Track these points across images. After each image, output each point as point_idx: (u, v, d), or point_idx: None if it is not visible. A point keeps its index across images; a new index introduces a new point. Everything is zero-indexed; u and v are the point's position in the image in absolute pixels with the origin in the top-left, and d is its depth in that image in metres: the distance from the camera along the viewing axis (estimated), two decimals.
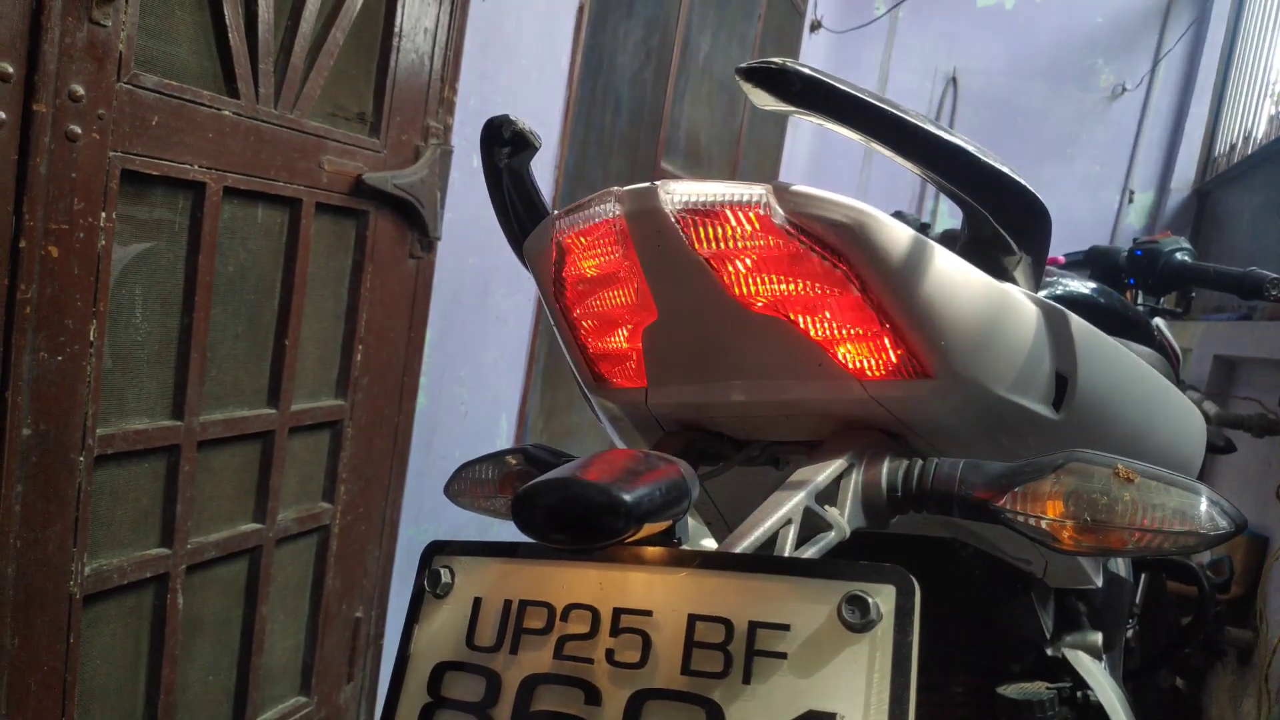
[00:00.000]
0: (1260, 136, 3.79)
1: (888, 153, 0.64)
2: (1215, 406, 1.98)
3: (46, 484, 1.13)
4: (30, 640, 1.15)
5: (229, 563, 1.48)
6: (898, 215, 1.60)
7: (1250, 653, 2.25)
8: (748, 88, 0.60)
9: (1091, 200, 4.82)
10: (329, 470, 1.66)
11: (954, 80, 5.15)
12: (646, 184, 0.67)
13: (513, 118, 0.76)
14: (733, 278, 0.66)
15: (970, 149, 0.65)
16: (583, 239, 0.71)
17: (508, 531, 2.18)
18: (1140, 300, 1.70)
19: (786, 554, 0.59)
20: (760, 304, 0.66)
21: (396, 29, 1.59)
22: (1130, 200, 4.80)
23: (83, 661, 1.24)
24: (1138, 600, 1.52)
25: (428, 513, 1.99)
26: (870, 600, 0.51)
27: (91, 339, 1.15)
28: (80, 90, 1.07)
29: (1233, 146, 4.19)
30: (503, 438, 2.30)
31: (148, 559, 1.30)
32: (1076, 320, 0.73)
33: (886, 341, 0.65)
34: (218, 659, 1.50)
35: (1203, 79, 4.61)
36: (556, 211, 0.74)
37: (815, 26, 4.82)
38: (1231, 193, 4.03)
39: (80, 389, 1.15)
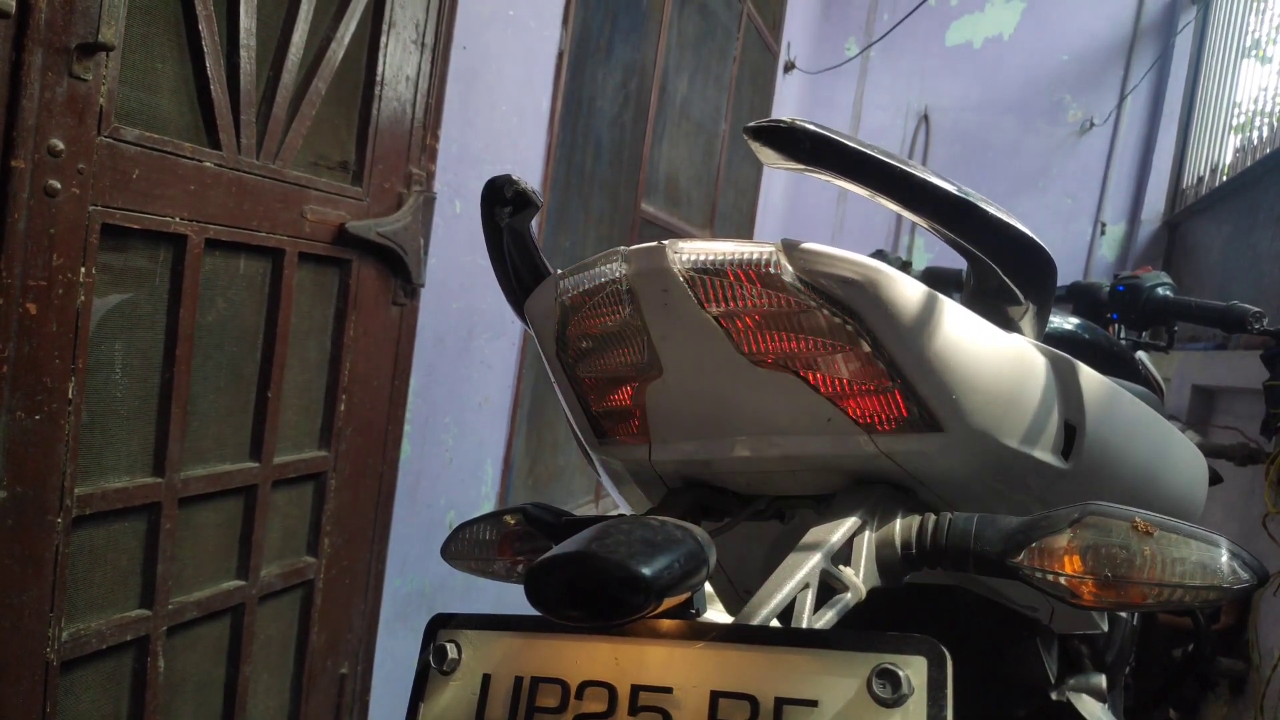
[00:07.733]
0: (1226, 168, 3.86)
1: (895, 207, 0.64)
2: (1197, 436, 1.99)
3: (22, 548, 1.09)
4: (3, 712, 1.10)
5: (211, 622, 1.43)
6: (878, 254, 1.60)
7: (1242, 683, 2.25)
8: (756, 146, 0.59)
9: (1064, 232, 4.90)
10: (313, 523, 1.63)
11: (926, 117, 5.24)
12: (654, 243, 0.66)
13: (514, 177, 0.75)
14: (742, 335, 0.65)
15: (976, 202, 0.65)
16: (587, 298, 0.70)
17: (495, 587, 2.14)
18: (1123, 335, 1.71)
19: (805, 620, 0.57)
20: (770, 360, 0.65)
21: (378, 78, 1.58)
22: (1102, 232, 4.88)
23: None
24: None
25: (413, 563, 1.95)
26: (901, 673, 0.49)
27: (70, 397, 1.12)
28: (60, 145, 1.05)
29: (1200, 179, 4.27)
30: (488, 484, 2.27)
31: (128, 621, 1.26)
32: (1084, 369, 0.72)
33: (897, 396, 0.64)
34: None
35: (1169, 113, 4.72)
36: (559, 271, 0.73)
37: (789, 68, 4.89)
38: (1201, 224, 4.10)
39: (58, 449, 1.12)
